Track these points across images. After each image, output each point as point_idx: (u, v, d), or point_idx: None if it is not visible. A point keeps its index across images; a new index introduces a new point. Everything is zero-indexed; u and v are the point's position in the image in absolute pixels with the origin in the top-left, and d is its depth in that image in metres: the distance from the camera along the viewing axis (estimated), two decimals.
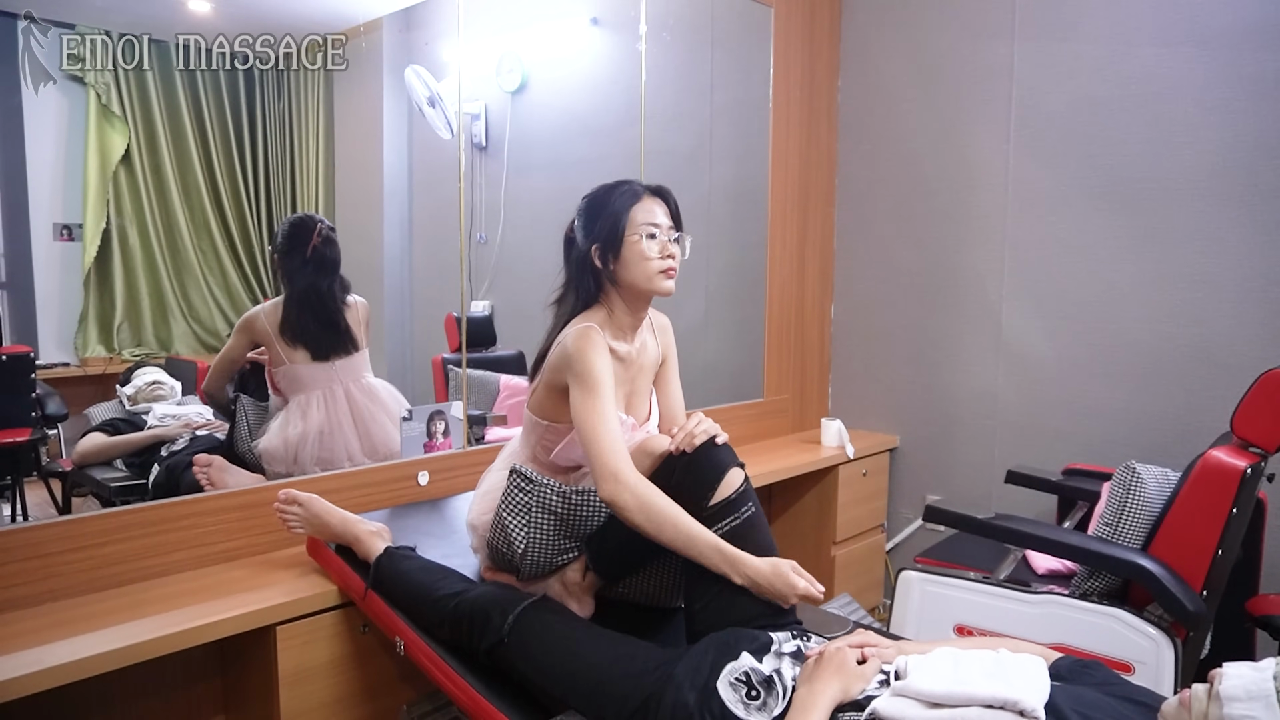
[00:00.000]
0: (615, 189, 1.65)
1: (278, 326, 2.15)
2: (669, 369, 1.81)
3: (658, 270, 1.60)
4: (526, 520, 1.55)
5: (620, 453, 1.47)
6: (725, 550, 1.41)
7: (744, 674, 1.23)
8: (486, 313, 2.79)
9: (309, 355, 2.17)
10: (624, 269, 1.61)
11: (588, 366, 1.52)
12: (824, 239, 3.35)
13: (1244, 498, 1.81)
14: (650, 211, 1.62)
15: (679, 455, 1.50)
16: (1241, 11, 2.41)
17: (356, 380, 2.25)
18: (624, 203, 1.62)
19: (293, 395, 2.18)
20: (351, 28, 2.38)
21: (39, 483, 1.97)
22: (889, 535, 3.31)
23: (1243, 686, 0.94)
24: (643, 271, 1.60)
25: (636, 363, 1.69)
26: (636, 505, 1.42)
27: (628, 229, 1.60)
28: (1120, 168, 2.65)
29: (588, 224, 1.65)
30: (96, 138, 2.07)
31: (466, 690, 1.44)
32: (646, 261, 1.59)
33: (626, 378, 1.67)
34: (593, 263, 1.63)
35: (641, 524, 1.43)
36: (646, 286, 1.61)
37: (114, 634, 1.46)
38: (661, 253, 1.61)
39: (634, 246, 1.59)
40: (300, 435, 2.14)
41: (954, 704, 1.08)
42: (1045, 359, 2.86)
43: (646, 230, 1.60)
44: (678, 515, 1.43)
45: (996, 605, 2.02)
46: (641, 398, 1.73)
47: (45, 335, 2.06)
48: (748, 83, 3.08)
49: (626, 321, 1.66)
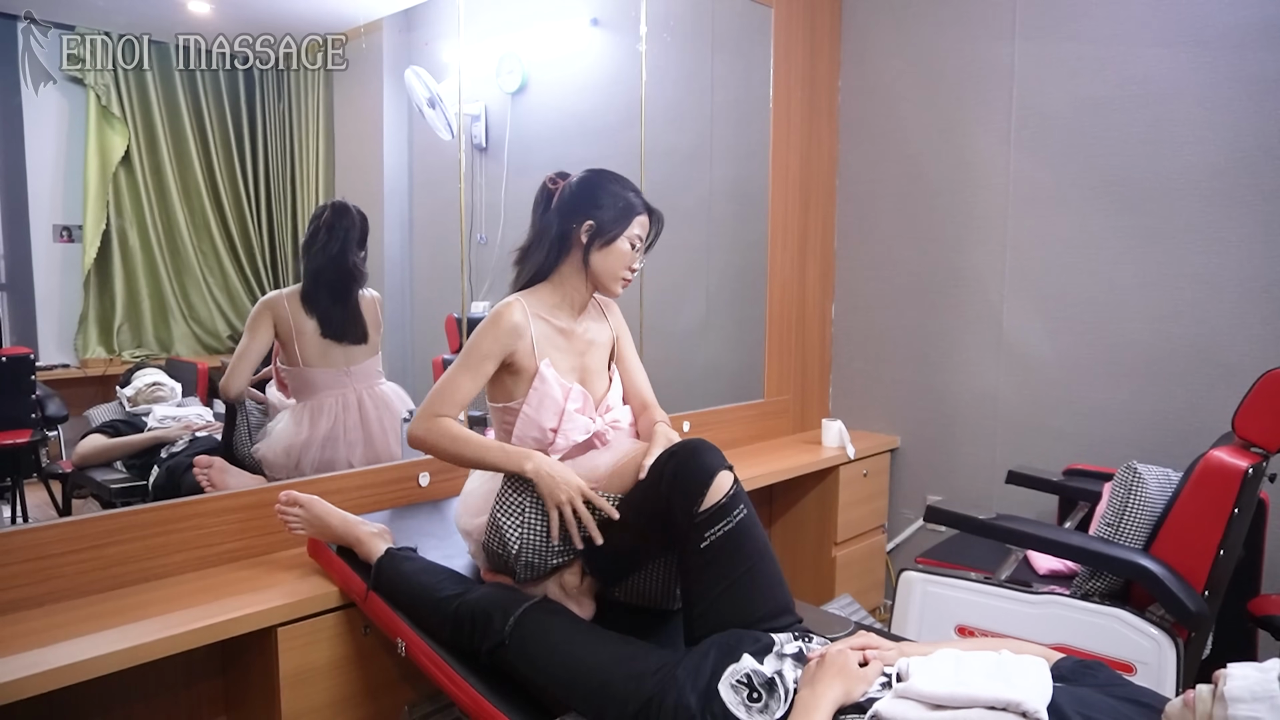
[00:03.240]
0: (630, 186, 1.74)
1: (298, 298, 2.12)
2: (624, 347, 1.88)
3: (622, 276, 1.73)
4: (520, 521, 1.55)
5: (436, 401, 1.64)
6: (509, 450, 1.60)
7: (745, 676, 1.23)
8: (486, 314, 2.79)
9: (319, 330, 2.12)
10: (602, 259, 1.70)
11: (473, 339, 1.68)
12: (825, 239, 3.34)
13: (1246, 498, 1.81)
14: (644, 226, 1.74)
15: (666, 462, 1.49)
16: (1242, 12, 2.41)
17: (370, 387, 2.23)
18: (637, 205, 1.72)
19: (302, 398, 2.15)
20: (352, 29, 2.38)
21: (39, 484, 1.97)
22: (890, 536, 3.30)
23: (1247, 687, 0.94)
24: (613, 269, 1.71)
25: (584, 338, 1.77)
26: (424, 434, 1.63)
27: (621, 232, 1.70)
28: (1121, 167, 2.65)
29: (589, 198, 1.71)
30: (96, 139, 2.07)
31: (468, 691, 1.44)
32: (620, 264, 1.71)
33: (574, 350, 1.75)
34: (575, 235, 1.70)
35: (433, 452, 1.65)
36: (607, 282, 1.73)
37: (115, 635, 1.46)
38: (630, 264, 1.72)
39: (620, 245, 1.70)
40: (305, 441, 2.11)
41: (956, 705, 1.08)
42: (1046, 359, 2.86)
43: (635, 239, 1.72)
44: (463, 438, 1.61)
45: (998, 606, 2.02)
46: (596, 375, 1.79)
47: (45, 337, 2.06)
48: (748, 83, 3.07)
49: (577, 300, 1.76)
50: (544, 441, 1.67)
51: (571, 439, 1.68)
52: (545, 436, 1.67)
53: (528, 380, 1.68)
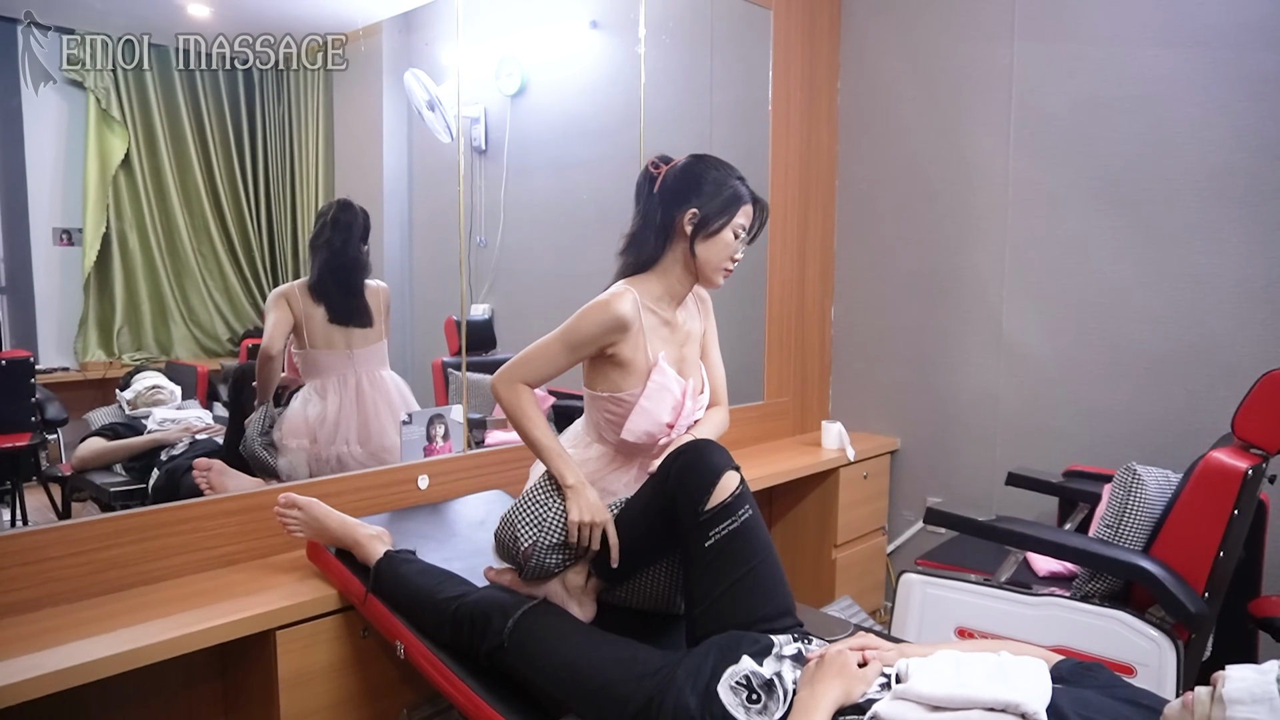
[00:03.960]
0: (734, 173, 1.69)
1: (307, 288, 2.21)
2: (709, 341, 1.84)
3: (724, 267, 1.68)
4: (536, 522, 1.56)
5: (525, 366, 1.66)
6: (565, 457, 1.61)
7: (745, 677, 1.23)
8: (486, 316, 2.79)
9: (326, 316, 2.22)
10: (705, 249, 1.66)
11: (577, 319, 1.64)
12: (824, 240, 3.34)
13: (1245, 499, 1.81)
14: (749, 216, 1.68)
15: (673, 460, 1.50)
16: (1242, 12, 2.41)
17: (372, 371, 2.29)
18: (744, 195, 1.67)
19: (310, 378, 2.23)
20: (351, 31, 2.38)
21: (39, 487, 1.97)
22: (890, 538, 3.30)
23: (1246, 689, 0.94)
24: (716, 261, 1.67)
25: (683, 329, 1.74)
26: (504, 394, 1.65)
27: (725, 223, 1.65)
28: (1121, 168, 2.65)
29: (693, 186, 1.66)
30: (96, 142, 2.07)
31: (467, 693, 1.44)
32: (724, 255, 1.66)
33: (675, 342, 1.72)
34: (679, 224, 1.66)
35: (504, 411, 1.66)
36: (709, 273, 1.68)
37: (114, 639, 1.46)
38: (732, 255, 1.68)
39: (724, 236, 1.65)
40: (318, 416, 2.19)
41: (955, 707, 1.08)
42: (1046, 360, 2.86)
43: (739, 229, 1.67)
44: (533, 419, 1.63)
45: (998, 607, 2.02)
46: (691, 365, 1.76)
47: (45, 340, 2.06)
48: (747, 85, 3.08)
49: (679, 290, 1.72)
50: (657, 435, 1.66)
51: (680, 431, 1.68)
52: (659, 431, 1.65)
53: (637, 373, 1.65)
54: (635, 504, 1.56)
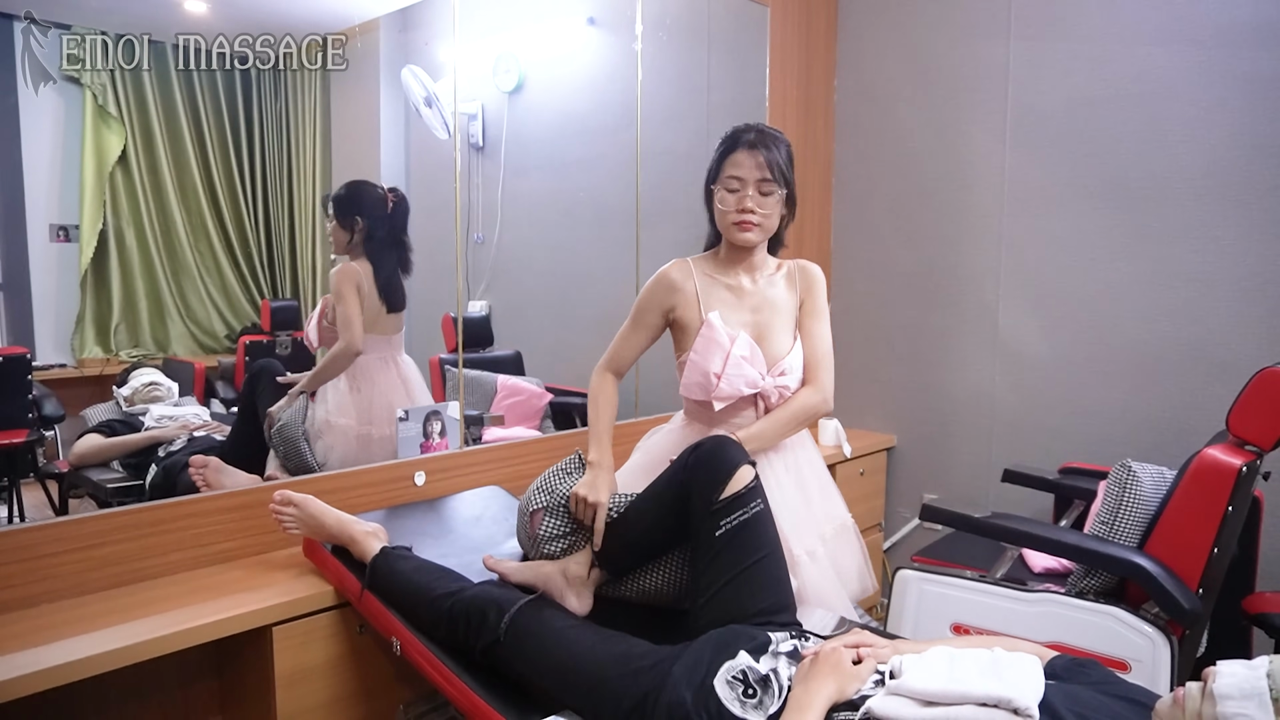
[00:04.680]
0: (742, 127, 1.73)
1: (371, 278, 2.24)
2: (806, 314, 1.82)
3: (731, 221, 1.70)
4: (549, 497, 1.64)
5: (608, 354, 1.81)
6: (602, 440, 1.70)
7: (741, 672, 1.24)
8: (484, 313, 2.79)
9: (384, 300, 2.26)
10: (716, 210, 1.75)
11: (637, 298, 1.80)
12: (820, 238, 3.35)
13: (1240, 496, 1.81)
14: (737, 164, 1.69)
15: (690, 453, 1.53)
16: (1237, 11, 2.42)
17: (400, 356, 2.35)
18: (720, 153, 1.72)
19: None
20: (349, 28, 2.38)
21: (35, 484, 1.97)
22: (886, 534, 3.31)
23: (1236, 685, 0.94)
24: (721, 218, 1.73)
25: (759, 295, 1.78)
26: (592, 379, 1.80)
27: (717, 180, 1.71)
28: (1116, 167, 2.65)
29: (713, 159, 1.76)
30: (93, 139, 2.07)
31: (463, 690, 1.44)
32: (724, 214, 1.71)
33: (744, 306, 1.77)
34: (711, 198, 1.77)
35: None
36: (724, 232, 1.72)
37: (110, 635, 1.46)
38: (738, 206, 1.68)
39: (719, 193, 1.71)
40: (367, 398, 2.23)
41: (948, 703, 1.09)
42: (1041, 358, 2.86)
43: (728, 184, 1.69)
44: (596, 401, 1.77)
45: (993, 604, 2.02)
46: (773, 332, 1.77)
47: (42, 336, 2.06)
48: (744, 82, 3.07)
49: (736, 255, 1.78)
50: (708, 387, 1.69)
51: (736, 387, 1.69)
52: (709, 382, 1.68)
53: (693, 332, 1.72)
54: (648, 493, 1.58)
